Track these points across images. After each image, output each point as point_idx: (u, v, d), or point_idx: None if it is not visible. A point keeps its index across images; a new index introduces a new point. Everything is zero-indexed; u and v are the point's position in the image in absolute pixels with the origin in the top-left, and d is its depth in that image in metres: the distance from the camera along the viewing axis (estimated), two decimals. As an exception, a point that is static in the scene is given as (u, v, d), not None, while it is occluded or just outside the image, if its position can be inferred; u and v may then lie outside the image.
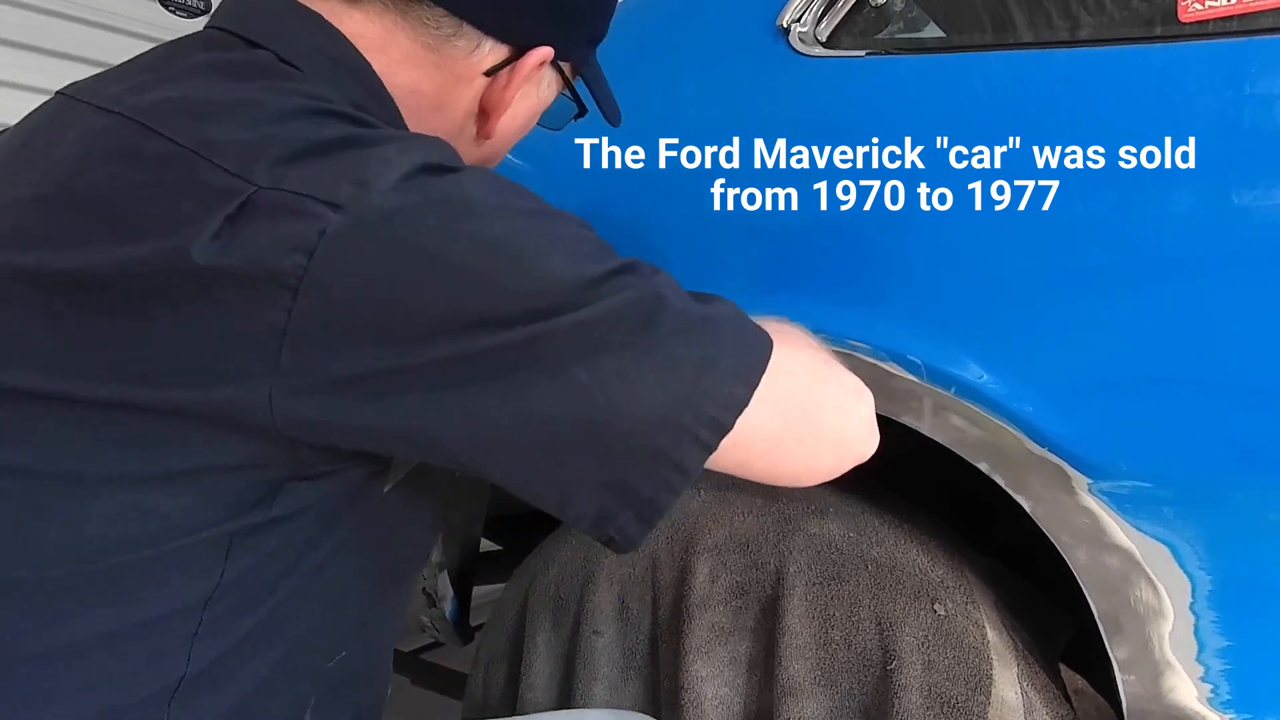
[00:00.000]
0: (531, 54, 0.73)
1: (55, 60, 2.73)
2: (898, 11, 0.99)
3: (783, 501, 1.05)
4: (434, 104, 0.73)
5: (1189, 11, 0.83)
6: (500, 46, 0.73)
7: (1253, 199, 0.78)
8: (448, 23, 0.70)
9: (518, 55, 0.73)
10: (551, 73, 0.79)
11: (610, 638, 1.07)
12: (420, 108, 0.73)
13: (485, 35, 0.72)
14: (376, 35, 0.69)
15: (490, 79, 0.74)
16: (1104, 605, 0.87)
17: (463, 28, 0.71)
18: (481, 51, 0.72)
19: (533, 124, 0.84)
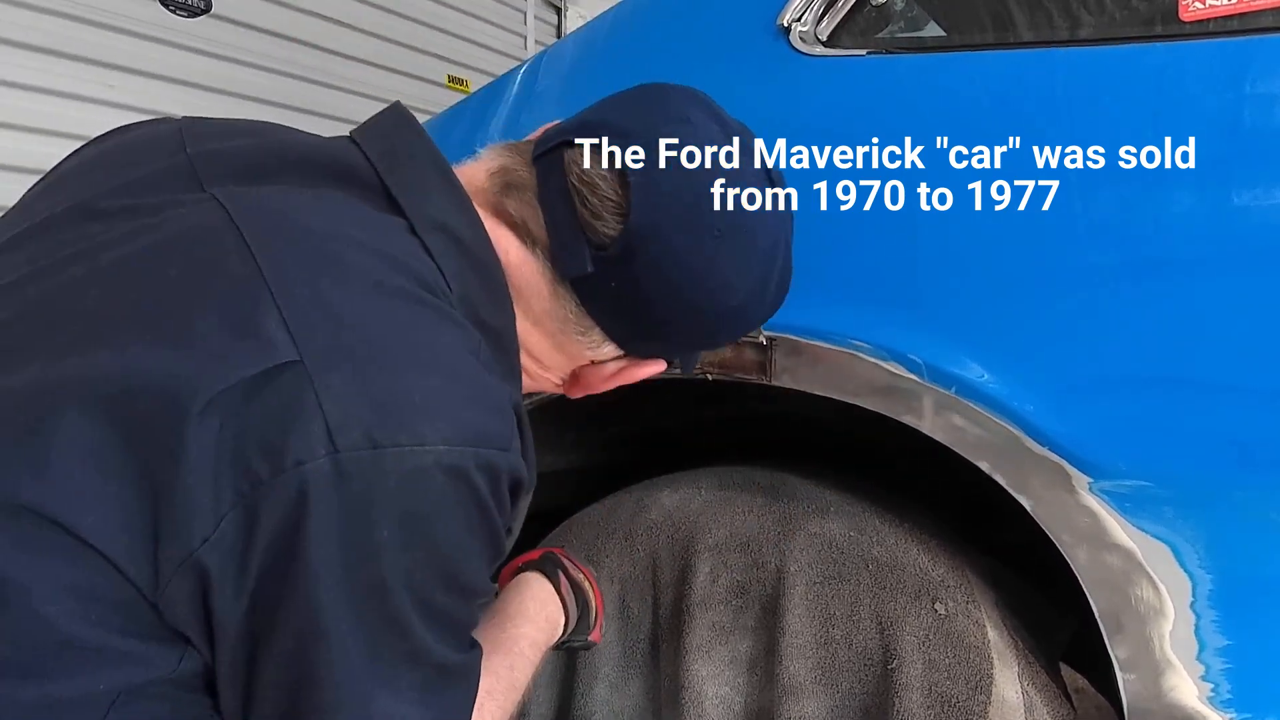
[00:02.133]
0: (643, 367, 0.77)
1: (55, 60, 2.73)
2: (898, 11, 0.99)
3: (783, 501, 1.05)
4: (532, 357, 0.75)
5: (1190, 10, 0.83)
6: (618, 350, 0.75)
7: (1253, 199, 0.78)
8: (584, 320, 0.71)
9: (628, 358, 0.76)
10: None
11: (611, 637, 1.08)
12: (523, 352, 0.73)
13: (610, 341, 0.73)
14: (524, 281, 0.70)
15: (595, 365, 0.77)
16: (1105, 604, 0.87)
17: (594, 331, 0.72)
18: (599, 352, 0.74)
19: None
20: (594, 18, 1.26)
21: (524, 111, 1.25)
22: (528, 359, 0.74)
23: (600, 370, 0.77)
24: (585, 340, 0.73)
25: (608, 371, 0.77)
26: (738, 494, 1.08)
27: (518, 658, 0.81)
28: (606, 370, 0.77)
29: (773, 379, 0.98)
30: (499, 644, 0.81)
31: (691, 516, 1.07)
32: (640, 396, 1.20)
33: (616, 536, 1.10)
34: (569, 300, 0.70)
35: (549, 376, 0.78)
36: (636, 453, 1.42)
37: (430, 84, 4.08)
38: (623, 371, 0.77)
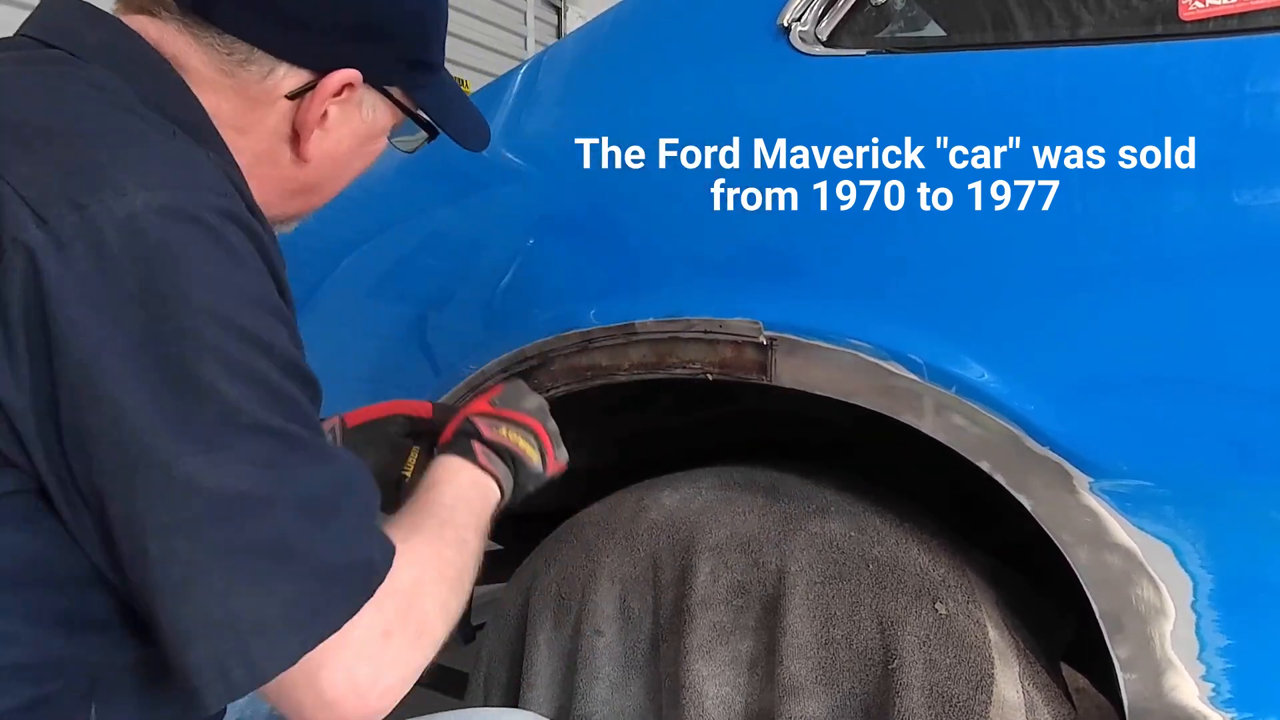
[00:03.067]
0: (330, 77, 0.73)
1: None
2: (898, 10, 0.99)
3: (784, 501, 1.06)
4: (236, 126, 0.73)
5: (1190, 10, 0.83)
6: (299, 71, 0.72)
7: (1253, 199, 0.78)
8: (239, 48, 0.70)
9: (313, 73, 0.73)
10: (374, 95, 0.77)
11: (612, 637, 1.08)
12: (224, 129, 0.72)
13: (279, 60, 0.71)
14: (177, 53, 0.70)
15: (295, 102, 0.73)
16: (1105, 604, 0.87)
17: (254, 53, 0.71)
18: (276, 76, 0.72)
19: (369, 146, 0.82)
20: (594, 18, 1.26)
21: (524, 112, 1.26)
22: (232, 135, 0.73)
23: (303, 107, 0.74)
24: (255, 69, 0.71)
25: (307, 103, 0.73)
26: (738, 494, 1.08)
27: (455, 546, 0.77)
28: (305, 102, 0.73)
29: (773, 379, 0.98)
30: (428, 532, 0.75)
31: (692, 516, 1.07)
32: (641, 396, 1.20)
33: (617, 536, 1.10)
34: (209, 34, 0.70)
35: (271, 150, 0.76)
36: (636, 453, 1.42)
37: (430, 84, 4.09)
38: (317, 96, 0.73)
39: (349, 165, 0.82)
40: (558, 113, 1.20)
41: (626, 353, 1.07)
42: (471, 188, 1.23)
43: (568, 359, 1.10)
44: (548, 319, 1.10)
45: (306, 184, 0.81)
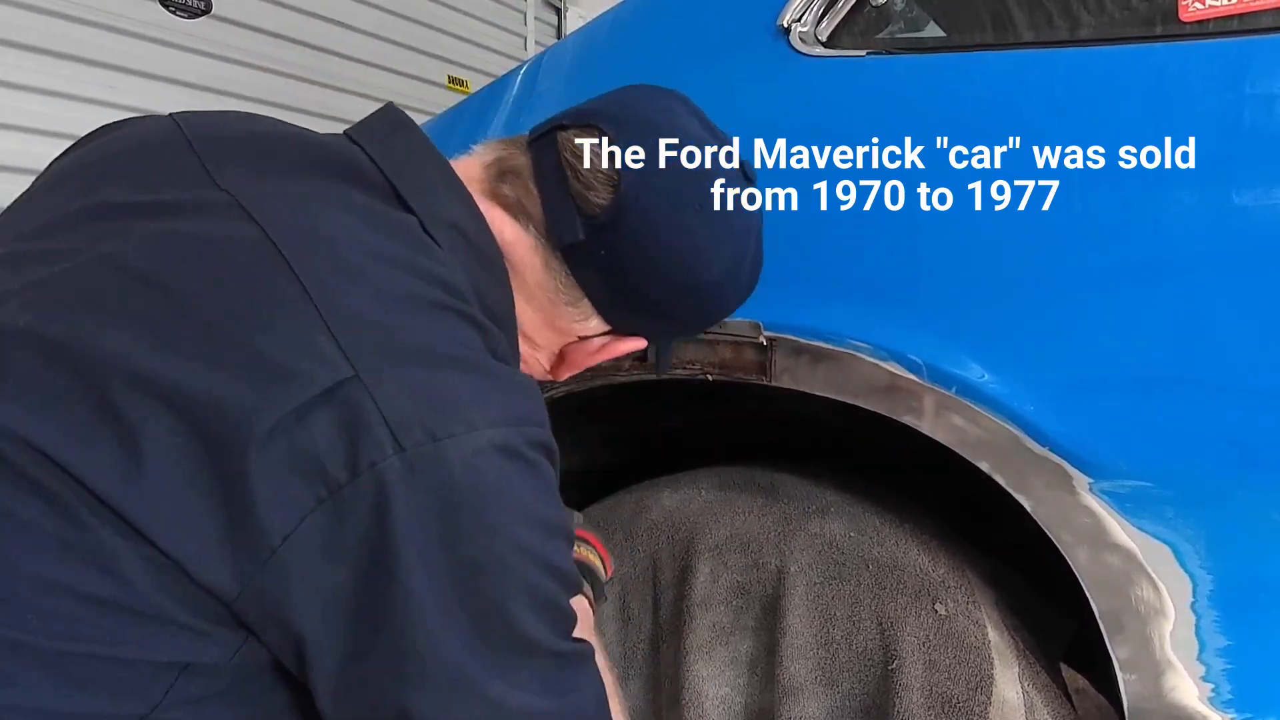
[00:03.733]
0: (628, 341, 0.81)
1: (56, 61, 2.73)
2: (898, 11, 0.99)
3: (784, 501, 1.05)
4: (528, 337, 0.79)
5: (1190, 10, 0.83)
6: (604, 324, 0.79)
7: (1253, 199, 0.78)
8: (576, 294, 0.76)
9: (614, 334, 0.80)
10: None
11: (611, 637, 1.08)
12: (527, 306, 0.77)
13: (597, 313, 0.78)
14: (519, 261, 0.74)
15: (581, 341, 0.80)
16: (1105, 605, 0.87)
17: (583, 302, 0.76)
18: (587, 326, 0.78)
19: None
20: (594, 18, 1.26)
21: (524, 112, 1.25)
22: (522, 339, 0.78)
23: (586, 346, 0.80)
24: (575, 312, 0.77)
25: (593, 347, 0.81)
26: (738, 494, 1.08)
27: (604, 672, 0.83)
28: (592, 346, 0.80)
29: (773, 379, 0.98)
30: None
31: (692, 517, 1.07)
32: (641, 397, 1.20)
33: (617, 536, 1.10)
34: (560, 270, 0.74)
35: (539, 357, 0.82)
36: (636, 453, 1.42)
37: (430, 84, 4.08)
38: (605, 348, 0.81)
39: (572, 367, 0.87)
40: (558, 113, 1.20)
41: (626, 353, 1.07)
42: (471, 188, 1.22)
43: (568, 359, 1.10)
44: (548, 319, 1.10)
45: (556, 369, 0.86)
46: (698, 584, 1.02)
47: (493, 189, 0.76)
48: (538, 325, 0.78)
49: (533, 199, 0.74)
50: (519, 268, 0.74)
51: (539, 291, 0.76)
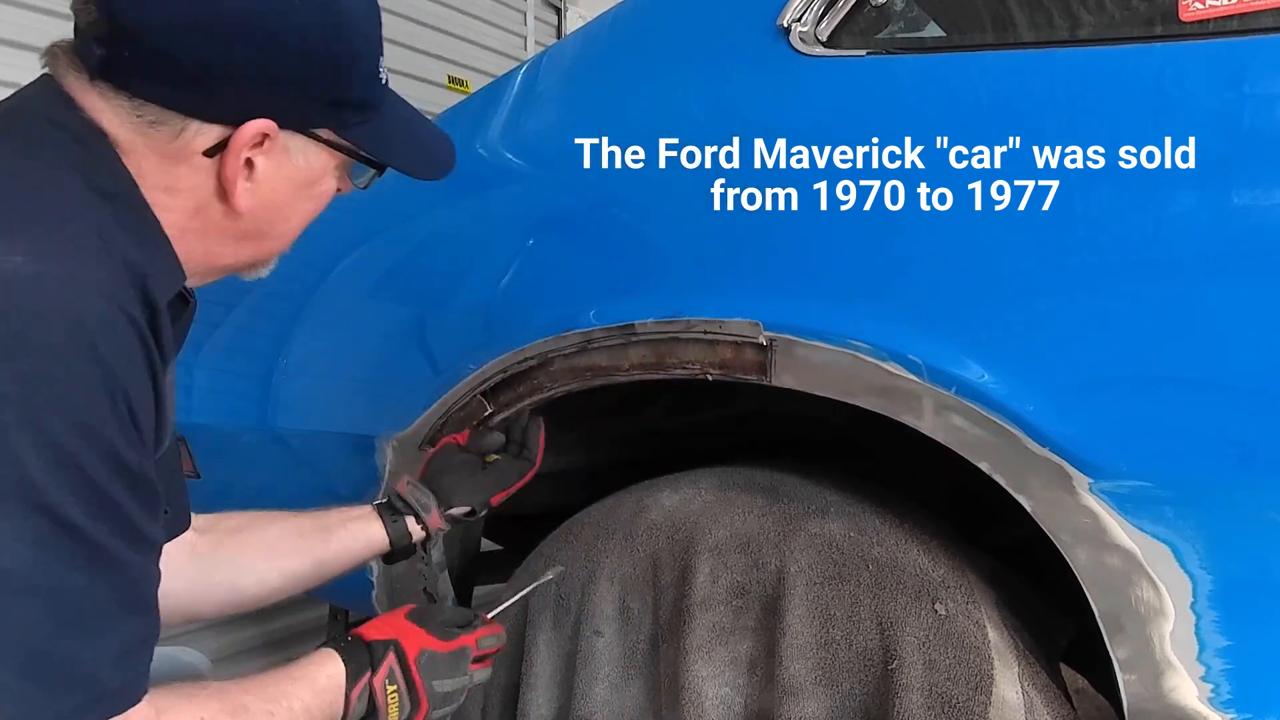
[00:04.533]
0: (241, 131, 0.72)
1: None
2: (898, 11, 0.99)
3: (784, 501, 1.05)
4: (162, 186, 0.74)
5: (1190, 10, 0.83)
6: (210, 127, 0.72)
7: (1253, 199, 0.78)
8: (148, 109, 0.71)
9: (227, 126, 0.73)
10: (301, 140, 0.77)
11: (611, 637, 1.07)
12: (152, 190, 0.73)
13: (187, 118, 0.71)
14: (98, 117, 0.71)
15: (214, 159, 0.73)
16: (1105, 605, 0.87)
17: (163, 113, 0.71)
18: (188, 134, 0.72)
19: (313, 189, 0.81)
20: (594, 18, 1.26)
21: (524, 112, 1.26)
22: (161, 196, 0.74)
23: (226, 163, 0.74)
24: (166, 130, 0.71)
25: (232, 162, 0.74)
26: (738, 494, 1.08)
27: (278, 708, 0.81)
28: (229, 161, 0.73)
29: (773, 379, 0.98)
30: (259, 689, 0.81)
31: (692, 517, 1.06)
32: (641, 397, 1.20)
33: (616, 536, 1.10)
34: (119, 97, 0.71)
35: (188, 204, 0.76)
36: (636, 453, 1.42)
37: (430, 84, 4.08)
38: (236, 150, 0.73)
39: (294, 210, 0.82)
40: (558, 113, 1.20)
41: (626, 353, 1.07)
42: (472, 188, 1.22)
43: (567, 359, 1.10)
44: (547, 319, 1.10)
45: (250, 232, 0.80)
46: (698, 584, 1.02)
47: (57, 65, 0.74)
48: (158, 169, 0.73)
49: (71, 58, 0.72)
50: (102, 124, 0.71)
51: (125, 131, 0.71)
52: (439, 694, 0.92)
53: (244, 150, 0.73)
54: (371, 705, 0.89)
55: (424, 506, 1.11)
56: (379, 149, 0.82)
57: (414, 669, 0.91)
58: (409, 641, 0.92)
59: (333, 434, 1.33)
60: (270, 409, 1.37)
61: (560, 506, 1.28)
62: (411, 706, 0.91)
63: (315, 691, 0.86)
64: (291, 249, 0.88)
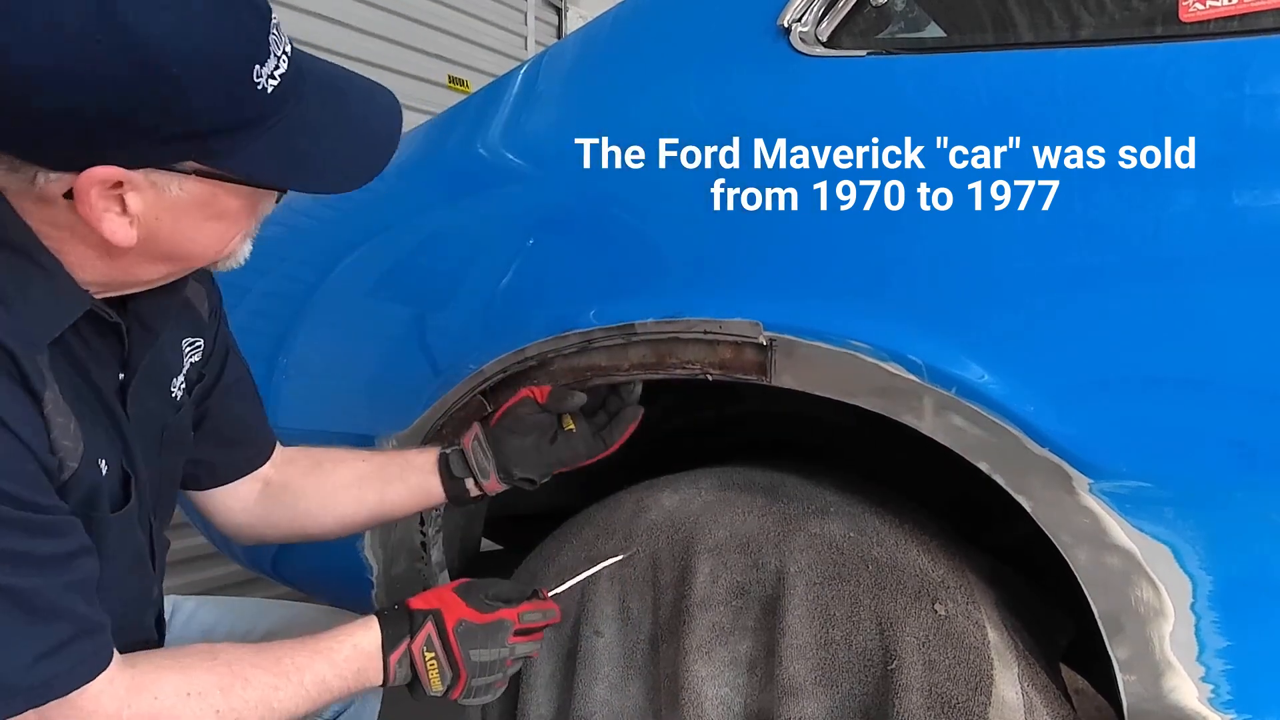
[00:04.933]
0: (81, 179, 0.69)
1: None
2: (898, 11, 0.99)
3: (783, 501, 1.05)
4: (46, 221, 0.73)
5: (1190, 11, 0.83)
6: (57, 174, 0.70)
7: (1253, 199, 0.78)
8: (3, 157, 0.69)
9: (73, 172, 0.70)
10: (166, 175, 0.72)
11: (611, 637, 1.07)
12: (40, 225, 0.73)
13: (35, 166, 0.69)
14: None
15: (73, 201, 0.71)
16: (1105, 605, 0.87)
17: (14, 160, 0.69)
18: (40, 180, 0.70)
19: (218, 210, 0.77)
20: (594, 18, 1.26)
21: (524, 112, 1.26)
22: (50, 231, 0.73)
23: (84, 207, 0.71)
24: (21, 176, 0.70)
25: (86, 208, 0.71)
26: (738, 494, 1.08)
27: (286, 682, 0.85)
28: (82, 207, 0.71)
29: (772, 379, 0.98)
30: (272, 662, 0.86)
31: (692, 517, 1.07)
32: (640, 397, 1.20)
33: (616, 536, 1.10)
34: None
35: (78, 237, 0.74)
36: (636, 453, 1.42)
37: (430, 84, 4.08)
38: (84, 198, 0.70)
39: (200, 231, 0.78)
40: (558, 113, 1.20)
41: (626, 353, 1.07)
42: (471, 188, 1.22)
43: (567, 359, 1.10)
44: (548, 319, 1.10)
45: (158, 254, 0.78)
46: (697, 584, 1.02)
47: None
48: (35, 209, 0.72)
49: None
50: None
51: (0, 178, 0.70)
52: (476, 663, 0.96)
53: (95, 195, 0.70)
54: (413, 671, 0.95)
55: (483, 471, 1.13)
56: (259, 170, 0.75)
57: (451, 637, 0.95)
58: (449, 612, 0.97)
59: (333, 433, 1.33)
60: (270, 409, 1.37)
61: (560, 506, 1.28)
62: (452, 674, 0.96)
63: (335, 664, 0.90)
64: (291, 249, 0.88)
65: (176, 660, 0.82)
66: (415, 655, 0.95)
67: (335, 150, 0.80)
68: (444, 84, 4.16)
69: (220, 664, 0.83)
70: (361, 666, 0.92)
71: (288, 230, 1.38)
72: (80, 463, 0.77)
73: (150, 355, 0.89)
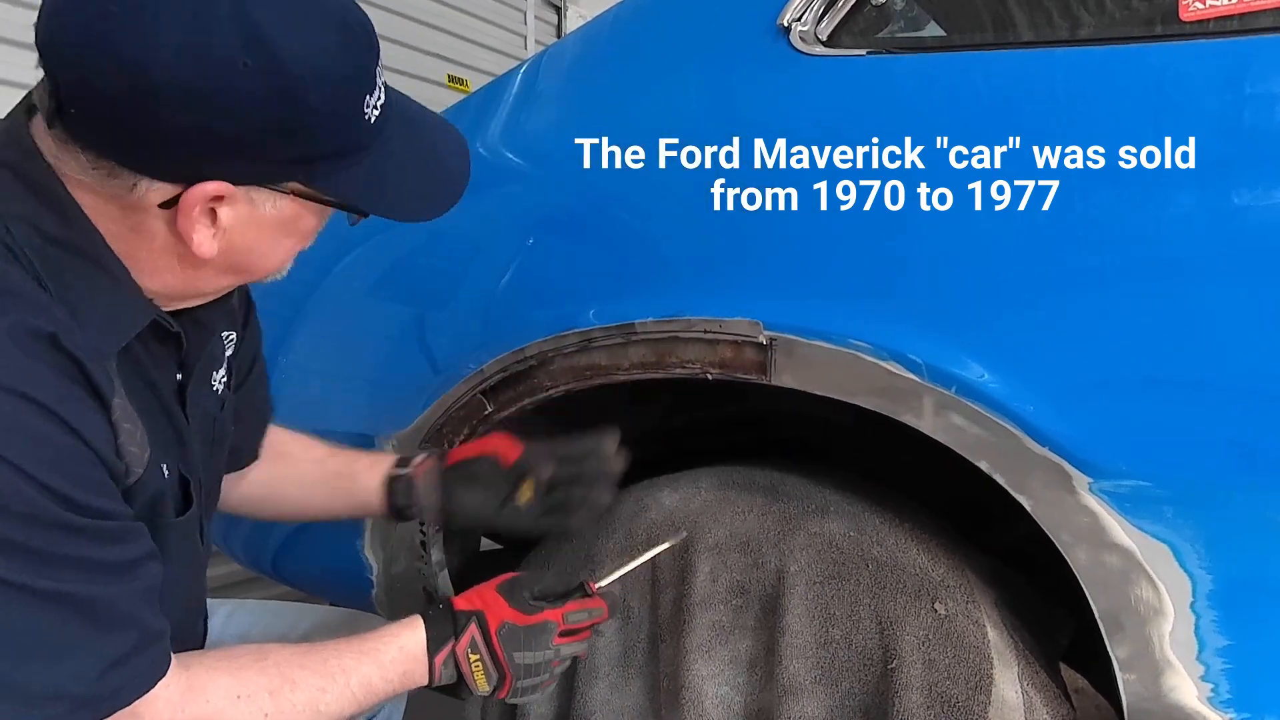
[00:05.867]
0: (191, 193, 0.71)
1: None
2: (898, 10, 0.99)
3: (783, 501, 1.06)
4: (125, 228, 0.74)
5: (1190, 10, 0.83)
6: (161, 184, 0.71)
7: (1253, 199, 0.78)
8: (103, 163, 0.70)
9: (183, 185, 0.72)
10: (267, 193, 0.75)
11: (611, 636, 1.08)
12: (114, 233, 0.74)
13: (139, 175, 0.71)
14: (58, 163, 0.71)
15: (170, 211, 0.73)
16: (1104, 604, 0.87)
17: (115, 168, 0.70)
18: (140, 190, 0.71)
19: (293, 230, 0.80)
20: (594, 18, 1.26)
21: (524, 111, 1.26)
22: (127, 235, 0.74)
23: (181, 219, 0.73)
24: (120, 183, 0.71)
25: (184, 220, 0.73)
26: (738, 494, 1.08)
27: (333, 684, 0.86)
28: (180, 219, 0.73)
29: (772, 378, 0.98)
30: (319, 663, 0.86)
31: (692, 516, 1.07)
32: (641, 397, 1.20)
33: (616, 536, 1.10)
34: (75, 146, 0.70)
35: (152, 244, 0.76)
36: (637, 453, 1.42)
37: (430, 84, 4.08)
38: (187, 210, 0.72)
39: (273, 247, 0.80)
40: (558, 113, 1.20)
41: (626, 352, 1.07)
42: (471, 187, 1.22)
43: (567, 359, 1.10)
44: (548, 319, 1.10)
45: (228, 268, 0.80)
46: (698, 583, 1.02)
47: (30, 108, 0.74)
48: (118, 215, 0.73)
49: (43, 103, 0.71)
50: (61, 169, 0.71)
51: (84, 177, 0.71)
52: (520, 665, 0.96)
53: (197, 208, 0.72)
54: (459, 673, 0.95)
55: (426, 508, 1.12)
56: (354, 195, 0.79)
57: (495, 640, 0.95)
58: (492, 614, 0.96)
59: (333, 433, 1.33)
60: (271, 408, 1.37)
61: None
62: (497, 676, 0.96)
63: (381, 665, 0.90)
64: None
65: (228, 662, 0.82)
66: (460, 658, 0.94)
67: (419, 180, 0.84)
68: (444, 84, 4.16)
69: (270, 665, 0.82)
70: (408, 669, 0.92)
71: (288, 230, 1.38)
72: (146, 468, 0.77)
73: (204, 356, 0.90)
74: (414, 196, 0.84)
